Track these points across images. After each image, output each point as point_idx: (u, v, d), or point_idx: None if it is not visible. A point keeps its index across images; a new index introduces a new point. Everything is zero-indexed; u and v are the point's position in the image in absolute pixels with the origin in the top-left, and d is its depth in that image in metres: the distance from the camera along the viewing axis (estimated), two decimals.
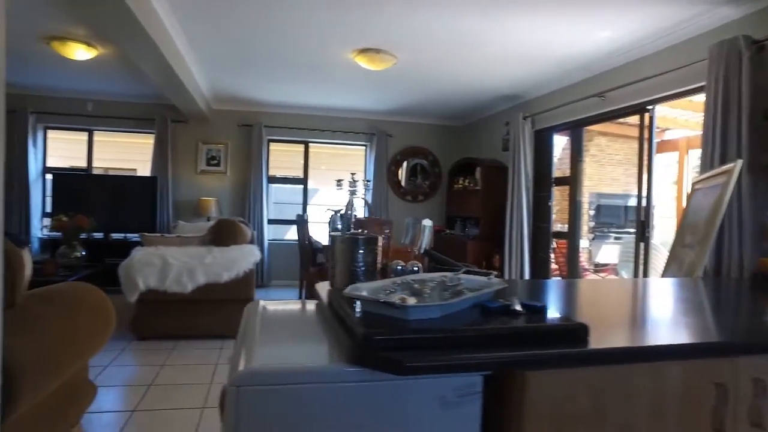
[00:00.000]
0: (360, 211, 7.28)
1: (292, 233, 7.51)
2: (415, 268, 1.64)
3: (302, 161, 7.20)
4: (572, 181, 5.06)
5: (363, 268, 1.52)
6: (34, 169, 6.34)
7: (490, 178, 6.11)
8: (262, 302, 1.51)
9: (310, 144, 7.21)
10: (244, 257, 3.97)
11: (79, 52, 4.52)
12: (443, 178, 7.50)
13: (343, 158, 7.97)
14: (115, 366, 3.43)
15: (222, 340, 4.04)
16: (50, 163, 6.70)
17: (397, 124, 7.31)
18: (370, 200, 6.93)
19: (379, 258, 1.61)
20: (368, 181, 5.67)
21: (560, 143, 6.40)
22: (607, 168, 9.10)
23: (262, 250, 6.47)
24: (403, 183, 7.41)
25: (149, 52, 3.84)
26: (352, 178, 5.28)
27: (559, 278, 5.47)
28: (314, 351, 1.08)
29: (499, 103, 6.14)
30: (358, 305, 1.11)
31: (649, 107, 4.02)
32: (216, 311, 4.04)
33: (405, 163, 7.40)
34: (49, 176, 6.52)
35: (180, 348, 3.84)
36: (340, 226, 5.76)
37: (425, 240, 5.33)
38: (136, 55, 4.02)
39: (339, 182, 5.67)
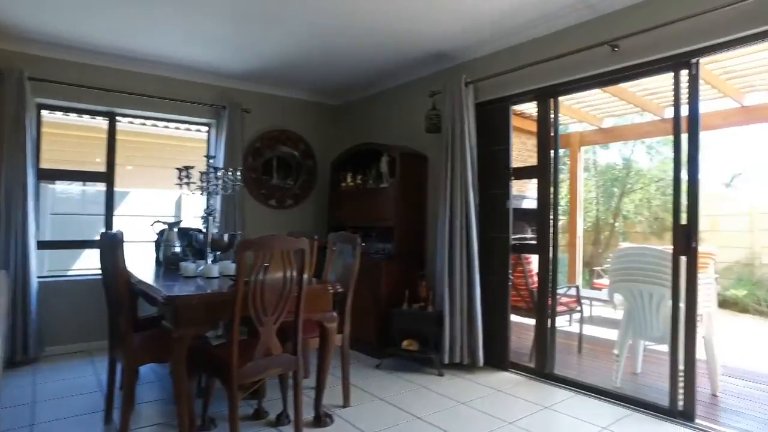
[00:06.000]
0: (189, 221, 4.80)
1: (83, 263, 4.63)
2: None
3: (104, 146, 4.41)
4: (541, 172, 3.58)
5: None
6: None
7: (407, 171, 4.35)
8: None
9: (117, 118, 4.47)
10: None
11: None
12: (319, 174, 5.48)
13: (166, 148, 5.34)
14: None
15: None
16: None
17: (258, 96, 5.06)
18: (218, 205, 4.53)
19: None
20: (238, 170, 3.24)
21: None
22: None
23: (24, 293, 3.67)
24: (271, 181, 5.21)
25: None
26: (210, 166, 2.91)
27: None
28: None
29: (417, 68, 4.41)
30: None
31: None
32: None
33: (268, 154, 5.18)
34: None
35: None
36: (178, 249, 3.07)
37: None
38: None
39: (186, 170, 2.93)
